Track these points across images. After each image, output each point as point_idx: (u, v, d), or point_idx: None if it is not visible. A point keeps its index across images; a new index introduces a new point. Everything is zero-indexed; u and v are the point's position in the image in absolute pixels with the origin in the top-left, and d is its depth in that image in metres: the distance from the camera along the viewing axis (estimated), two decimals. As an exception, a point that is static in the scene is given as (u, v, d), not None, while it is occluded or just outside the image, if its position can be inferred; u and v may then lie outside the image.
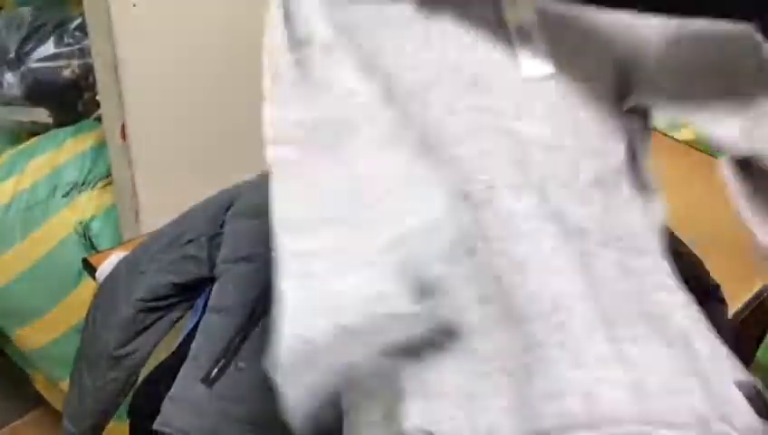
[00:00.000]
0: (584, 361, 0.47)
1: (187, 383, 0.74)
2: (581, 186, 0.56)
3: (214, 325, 0.74)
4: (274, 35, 0.61)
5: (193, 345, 0.77)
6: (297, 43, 0.59)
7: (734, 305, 1.00)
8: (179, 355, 0.79)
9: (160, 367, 0.84)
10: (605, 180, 0.58)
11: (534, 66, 0.60)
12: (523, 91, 0.58)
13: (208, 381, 0.71)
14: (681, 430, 0.46)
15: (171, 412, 0.72)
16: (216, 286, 0.81)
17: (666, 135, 1.63)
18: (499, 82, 0.58)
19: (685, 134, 1.72)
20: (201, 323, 0.78)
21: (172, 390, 0.74)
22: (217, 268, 0.85)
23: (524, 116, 0.57)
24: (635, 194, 0.60)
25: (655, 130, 1.63)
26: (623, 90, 0.62)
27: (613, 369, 0.47)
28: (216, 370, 0.74)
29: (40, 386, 1.63)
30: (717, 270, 0.93)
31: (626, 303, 0.52)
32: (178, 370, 0.76)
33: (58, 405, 1.60)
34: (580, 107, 0.60)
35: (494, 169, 0.54)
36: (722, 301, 0.88)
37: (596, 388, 0.46)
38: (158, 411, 0.74)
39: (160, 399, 0.73)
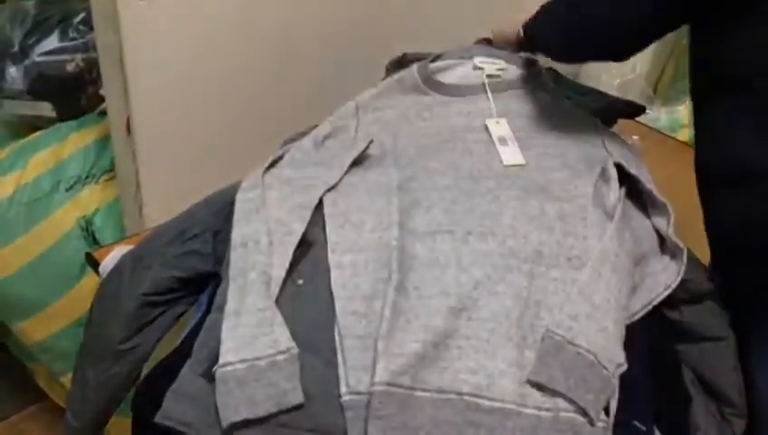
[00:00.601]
0: (495, 355, 0.71)
1: (188, 378, 0.74)
2: (547, 219, 0.82)
3: (217, 323, 0.75)
4: None
5: (196, 343, 0.77)
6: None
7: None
8: (182, 351, 0.79)
9: (163, 363, 0.84)
10: (567, 215, 0.82)
11: (511, 158, 0.92)
12: (504, 173, 0.90)
13: (209, 376, 0.71)
14: (540, 411, 0.69)
15: (172, 405, 0.73)
16: (221, 284, 0.81)
17: (667, 136, 1.63)
18: (486, 172, 0.90)
19: (685, 135, 1.73)
20: (206, 321, 0.79)
21: (174, 384, 0.74)
22: (222, 264, 0.85)
23: (503, 187, 0.87)
24: (599, 221, 0.82)
25: (658, 131, 1.65)
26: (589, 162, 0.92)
27: (512, 366, 0.71)
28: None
29: (41, 381, 1.64)
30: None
31: (548, 313, 0.74)
32: (181, 366, 0.76)
33: (58, 400, 1.60)
34: (545, 176, 0.89)
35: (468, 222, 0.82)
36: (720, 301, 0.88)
37: (496, 375, 0.70)
38: (160, 407, 0.74)
39: (163, 394, 0.73)
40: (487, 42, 1.07)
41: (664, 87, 1.98)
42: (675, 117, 1.78)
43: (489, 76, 1.02)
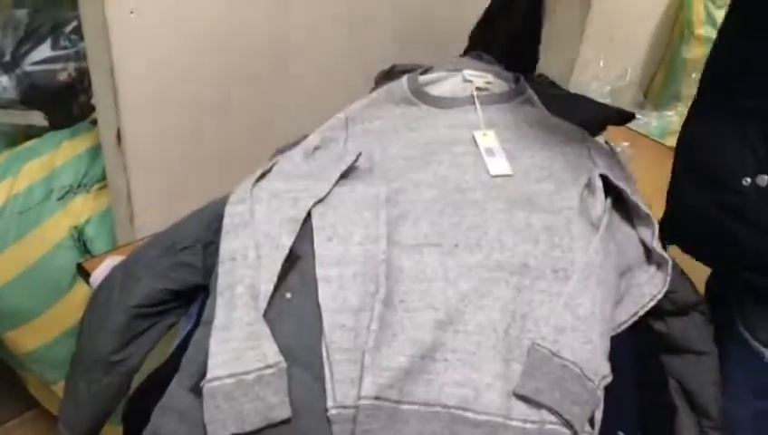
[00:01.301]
0: (482, 368, 0.72)
1: (176, 393, 0.75)
2: (533, 231, 0.83)
3: (204, 338, 0.75)
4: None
5: (183, 358, 0.78)
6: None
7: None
8: (173, 364, 0.79)
9: (154, 375, 0.84)
10: (553, 227, 0.83)
11: (498, 168, 0.93)
12: (491, 184, 0.90)
13: (197, 390, 0.72)
14: (525, 424, 0.70)
15: (160, 420, 0.73)
16: (209, 298, 0.82)
17: (657, 142, 1.64)
18: (473, 183, 0.90)
19: (674, 141, 1.74)
20: (194, 334, 0.79)
21: (162, 399, 0.75)
22: (212, 277, 0.86)
23: (490, 199, 0.87)
24: (585, 233, 0.83)
25: (647, 137, 1.66)
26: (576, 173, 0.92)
27: (498, 379, 0.71)
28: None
29: (31, 388, 1.64)
30: (703, 281, 0.94)
31: (534, 326, 0.75)
32: (171, 378, 0.76)
33: (50, 407, 1.61)
34: (532, 188, 0.89)
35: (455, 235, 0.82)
36: (706, 315, 0.89)
37: (483, 388, 0.70)
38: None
39: (153, 407, 0.74)
40: (477, 55, 1.08)
41: (655, 92, 1.99)
42: (665, 122, 1.79)
43: (478, 89, 1.03)
